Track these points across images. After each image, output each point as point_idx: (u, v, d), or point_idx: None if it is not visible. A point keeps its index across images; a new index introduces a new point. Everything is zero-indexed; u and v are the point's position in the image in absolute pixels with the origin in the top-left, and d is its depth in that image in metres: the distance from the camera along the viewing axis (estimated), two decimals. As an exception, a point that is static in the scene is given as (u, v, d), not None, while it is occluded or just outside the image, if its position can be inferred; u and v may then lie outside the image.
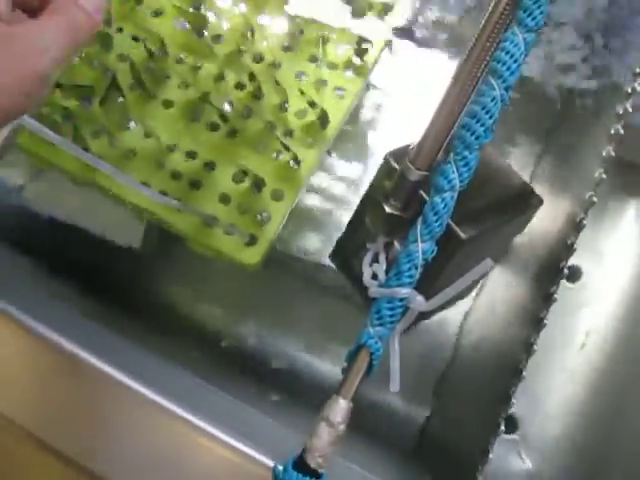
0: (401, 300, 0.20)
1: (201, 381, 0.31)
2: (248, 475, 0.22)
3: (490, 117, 0.21)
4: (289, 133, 0.33)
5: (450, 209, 0.21)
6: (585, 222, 0.30)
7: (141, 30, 0.36)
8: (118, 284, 0.42)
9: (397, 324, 0.20)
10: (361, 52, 0.36)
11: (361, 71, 0.36)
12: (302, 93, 0.34)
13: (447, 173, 0.21)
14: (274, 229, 0.32)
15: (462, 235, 0.28)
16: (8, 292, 0.27)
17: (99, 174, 0.34)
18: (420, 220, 0.21)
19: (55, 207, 0.43)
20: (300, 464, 0.18)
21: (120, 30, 0.37)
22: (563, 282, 0.46)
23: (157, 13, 0.38)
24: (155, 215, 0.33)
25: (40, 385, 0.23)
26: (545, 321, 0.29)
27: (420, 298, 0.20)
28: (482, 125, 0.21)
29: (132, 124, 0.35)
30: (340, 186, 0.40)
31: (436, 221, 0.21)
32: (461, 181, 0.21)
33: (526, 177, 0.44)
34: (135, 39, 0.37)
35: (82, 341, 0.24)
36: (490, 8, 0.24)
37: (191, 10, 0.37)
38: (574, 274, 0.47)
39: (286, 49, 0.36)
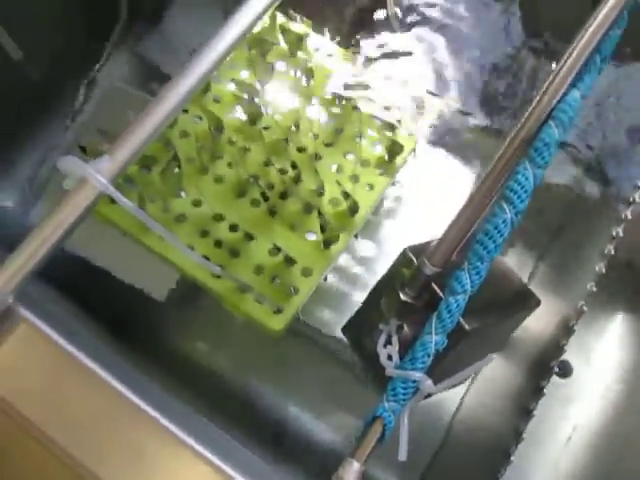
0: (414, 382, 0.24)
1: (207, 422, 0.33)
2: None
3: (501, 236, 0.26)
4: (322, 217, 0.38)
5: (461, 309, 0.25)
6: (576, 327, 0.34)
7: (203, 112, 0.42)
8: (145, 329, 0.45)
9: (408, 402, 0.24)
10: (392, 155, 0.41)
11: (389, 171, 0.41)
12: (338, 184, 0.39)
13: (461, 279, 0.25)
14: (300, 302, 0.36)
15: (467, 327, 0.31)
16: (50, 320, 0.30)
17: (149, 234, 0.38)
18: (435, 315, 0.25)
19: (96, 254, 0.47)
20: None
21: (186, 111, 0.42)
22: (554, 377, 0.50)
23: (218, 99, 0.43)
24: (195, 277, 0.37)
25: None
26: (534, 412, 0.32)
27: (430, 382, 0.24)
28: (494, 242, 0.25)
29: (183, 193, 0.40)
30: (359, 268, 0.45)
31: (449, 318, 0.24)
32: (472, 286, 0.25)
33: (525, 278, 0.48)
34: (198, 118, 0.42)
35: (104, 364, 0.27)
36: (506, 143, 0.29)
37: (247, 100, 0.43)
38: (565, 370, 0.50)
39: (327, 144, 0.42)
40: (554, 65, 0.30)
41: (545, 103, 0.29)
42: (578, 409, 0.50)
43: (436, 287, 0.31)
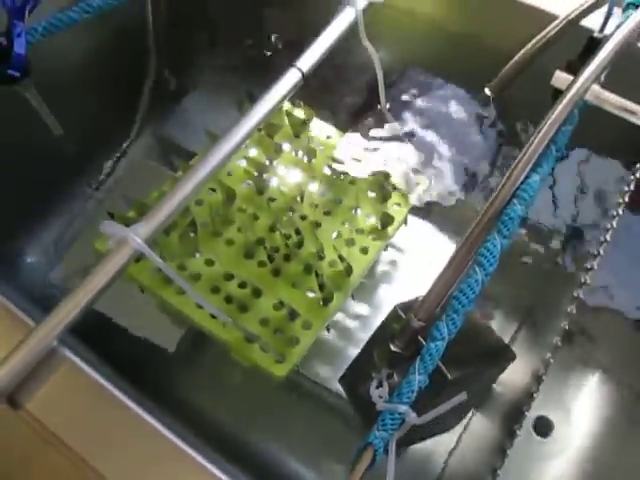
0: (400, 414, 0.28)
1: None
2: None
3: (473, 293, 0.31)
4: (321, 278, 0.42)
5: (440, 353, 0.30)
6: (545, 377, 0.38)
7: (217, 184, 0.47)
8: (152, 376, 0.49)
9: (395, 432, 0.28)
10: (384, 224, 0.46)
11: (382, 237, 0.46)
12: (335, 248, 0.44)
13: (440, 328, 0.30)
14: (300, 352, 0.41)
15: (448, 376, 0.36)
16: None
17: (166, 289, 0.43)
18: (418, 359, 0.30)
19: (113, 310, 0.51)
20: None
21: (202, 183, 0.48)
22: (534, 436, 0.54)
23: (231, 173, 0.49)
24: (207, 328, 0.41)
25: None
26: (508, 452, 0.36)
27: (414, 415, 0.28)
28: (467, 298, 0.30)
29: (198, 254, 0.45)
30: (355, 326, 0.49)
31: (430, 361, 0.29)
32: (449, 334, 0.30)
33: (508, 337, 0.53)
34: (212, 189, 0.48)
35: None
36: (478, 219, 0.34)
37: (256, 175, 0.49)
38: (545, 427, 0.54)
39: (326, 213, 0.47)
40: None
41: (510, 185, 0.35)
42: (558, 465, 0.54)
43: (421, 339, 0.36)
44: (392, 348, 0.37)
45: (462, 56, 0.50)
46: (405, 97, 0.51)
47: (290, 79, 0.39)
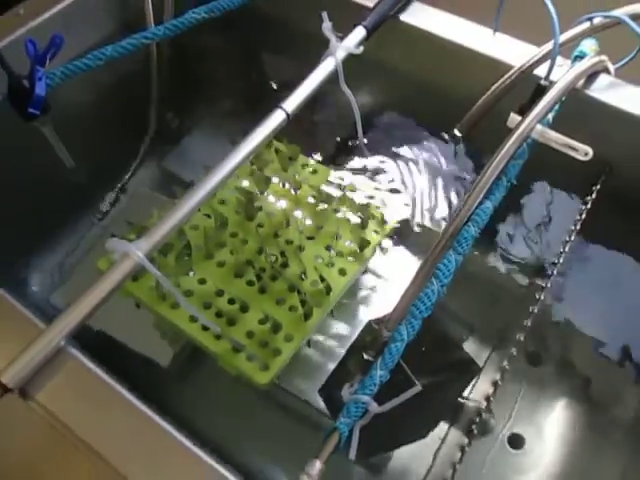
0: (363, 403, 0.32)
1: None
2: None
3: (430, 302, 0.35)
4: (303, 295, 0.47)
5: (400, 352, 0.34)
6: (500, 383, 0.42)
7: (211, 211, 0.52)
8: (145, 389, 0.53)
9: (359, 419, 0.32)
10: (361, 247, 0.51)
11: (359, 260, 0.51)
12: (316, 269, 0.49)
13: (401, 331, 0.35)
14: (282, 362, 0.45)
15: (417, 383, 0.40)
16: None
17: (162, 305, 0.47)
18: (381, 357, 0.34)
19: (111, 326, 0.55)
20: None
21: (198, 210, 0.53)
22: (510, 449, 0.58)
23: (224, 202, 0.54)
24: (198, 341, 0.45)
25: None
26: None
27: (375, 404, 0.32)
28: (424, 306, 0.35)
29: (192, 273, 0.50)
30: (333, 342, 0.54)
31: (390, 359, 0.33)
32: (408, 336, 0.34)
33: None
34: (207, 215, 0.53)
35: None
36: (437, 240, 0.39)
37: (247, 203, 0.54)
38: (518, 442, 0.58)
39: (310, 238, 0.52)
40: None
41: (466, 210, 0.40)
42: (532, 476, 0.57)
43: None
44: (365, 357, 0.41)
45: (432, 102, 0.56)
46: (382, 136, 0.57)
47: (276, 119, 0.45)
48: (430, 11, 0.56)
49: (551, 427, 0.59)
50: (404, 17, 0.55)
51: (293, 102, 0.46)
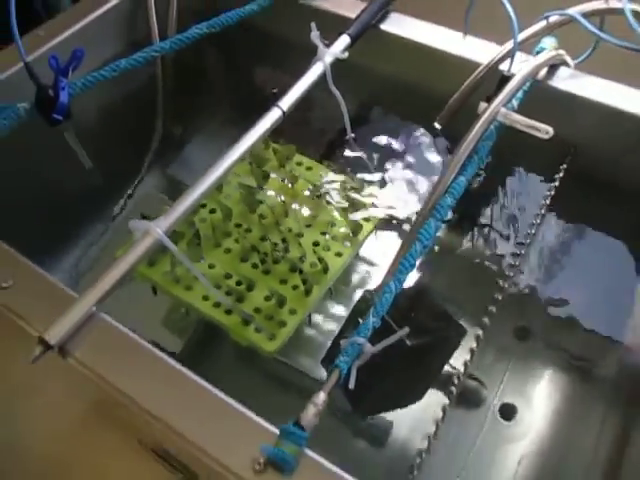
0: (359, 344, 0.37)
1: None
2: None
3: (413, 260, 0.40)
4: (304, 275, 0.52)
5: (389, 303, 0.39)
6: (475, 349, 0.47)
7: (217, 204, 0.58)
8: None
9: (356, 358, 0.37)
10: (355, 232, 0.57)
11: (353, 243, 0.56)
12: (315, 252, 0.54)
13: (390, 285, 0.40)
14: (288, 332, 0.49)
15: (407, 342, 0.45)
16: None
17: (176, 287, 0.52)
18: (373, 307, 0.39)
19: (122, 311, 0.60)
20: (297, 424, 0.33)
21: (204, 205, 0.58)
22: (501, 420, 0.62)
23: (229, 196, 0.60)
24: (211, 316, 0.50)
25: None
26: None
27: (369, 345, 0.37)
28: (409, 263, 0.40)
29: (202, 260, 0.55)
30: (332, 323, 0.58)
31: (381, 307, 0.38)
32: (396, 289, 0.39)
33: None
34: (212, 211, 0.58)
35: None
36: (420, 210, 0.44)
37: (249, 197, 0.59)
38: (509, 413, 0.63)
39: (307, 225, 0.57)
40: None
41: (444, 183, 0.46)
42: (523, 445, 0.61)
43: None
44: (361, 322, 0.46)
45: (412, 100, 0.62)
46: (370, 132, 0.63)
47: (272, 116, 0.50)
48: (407, 20, 0.62)
49: (540, 397, 0.64)
50: (384, 26, 0.62)
51: (287, 100, 0.52)
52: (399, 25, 0.62)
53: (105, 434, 0.42)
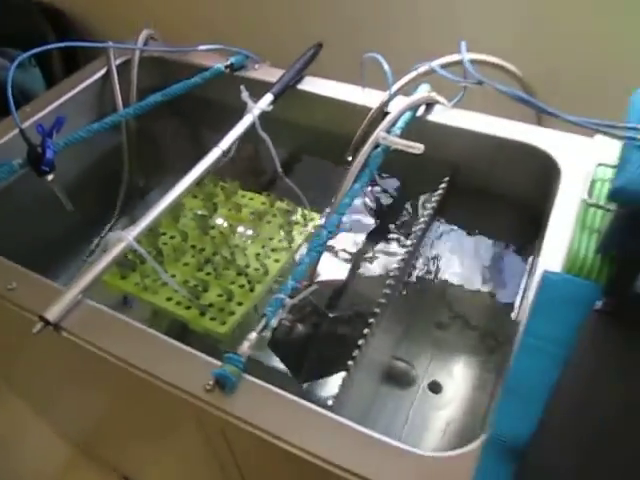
0: (282, 299, 0.50)
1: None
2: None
3: (322, 241, 0.55)
4: (249, 277, 0.65)
5: (303, 272, 0.52)
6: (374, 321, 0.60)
7: (176, 231, 0.72)
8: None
9: (279, 309, 0.50)
10: (290, 242, 0.71)
11: (289, 251, 0.70)
12: (257, 260, 0.68)
13: (305, 259, 0.53)
14: (236, 319, 0.62)
15: (329, 314, 0.58)
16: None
17: (145, 293, 0.65)
18: (291, 274, 0.53)
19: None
20: (235, 353, 0.46)
21: (164, 233, 0.72)
22: (430, 394, 0.75)
23: (186, 224, 0.74)
24: (174, 312, 0.63)
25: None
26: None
27: (289, 299, 0.50)
28: (319, 243, 0.54)
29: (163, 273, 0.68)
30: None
31: (297, 274, 0.52)
32: (310, 262, 0.53)
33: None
34: (172, 237, 0.72)
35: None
36: (329, 209, 0.59)
37: (202, 223, 0.73)
38: (437, 388, 0.76)
39: (251, 243, 0.71)
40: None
41: (343, 190, 0.61)
42: (448, 412, 0.73)
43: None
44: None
45: (326, 141, 0.78)
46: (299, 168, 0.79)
47: (213, 155, 0.66)
48: (318, 80, 0.80)
49: (460, 372, 0.77)
50: (300, 86, 0.79)
51: (226, 142, 0.67)
52: (312, 84, 0.79)
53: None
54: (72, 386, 0.70)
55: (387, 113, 0.68)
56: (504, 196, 0.74)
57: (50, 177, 0.66)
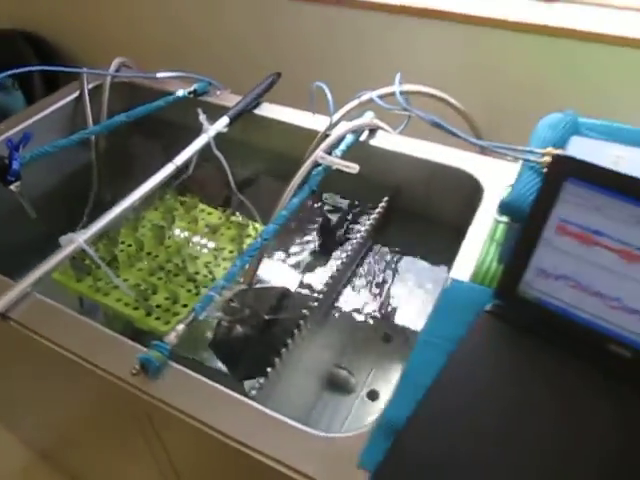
0: (212, 296, 0.55)
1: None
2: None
3: (256, 247, 0.60)
4: (197, 283, 0.70)
5: (234, 273, 0.58)
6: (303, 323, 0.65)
7: (133, 240, 0.77)
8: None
9: (206, 305, 0.55)
10: (239, 252, 0.76)
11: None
12: (206, 268, 0.73)
13: (236, 264, 0.59)
14: (178, 319, 0.67)
15: (265, 316, 0.64)
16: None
17: (97, 294, 0.70)
18: (225, 275, 0.58)
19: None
20: (161, 341, 0.51)
21: (123, 242, 0.78)
22: (369, 402, 0.80)
23: (144, 234, 0.79)
24: (123, 312, 0.68)
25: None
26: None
27: (218, 296, 0.55)
28: (253, 249, 0.60)
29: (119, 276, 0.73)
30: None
31: (225, 281, 0.57)
32: (241, 265, 0.58)
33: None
34: (129, 245, 0.78)
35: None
36: (270, 220, 0.65)
37: (159, 233, 0.79)
38: (375, 396, 0.80)
39: (204, 252, 0.77)
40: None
41: (282, 204, 0.66)
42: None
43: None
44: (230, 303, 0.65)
45: (278, 162, 0.85)
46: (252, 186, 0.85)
47: (167, 169, 0.72)
48: (273, 107, 0.87)
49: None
50: (257, 111, 0.86)
51: (180, 158, 0.73)
52: (268, 110, 0.86)
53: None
54: (19, 376, 0.74)
55: (326, 135, 0.75)
56: (437, 215, 0.80)
57: (15, 186, 0.72)
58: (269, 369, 0.60)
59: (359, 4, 1.28)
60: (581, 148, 0.57)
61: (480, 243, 0.62)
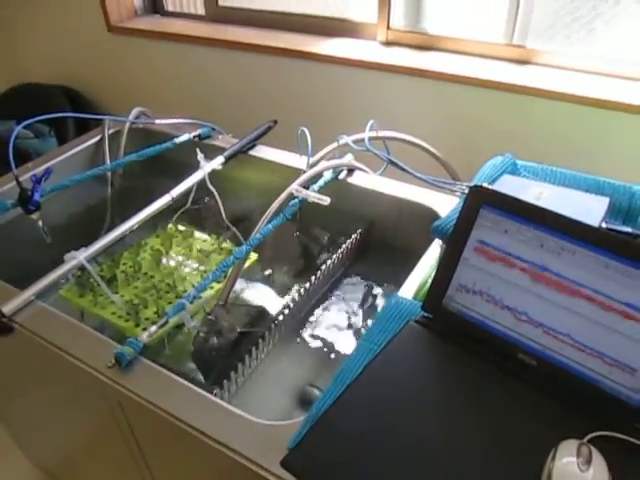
0: (182, 304, 0.64)
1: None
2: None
3: (228, 265, 0.69)
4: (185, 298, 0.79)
5: (205, 286, 0.66)
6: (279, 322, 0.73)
7: (133, 262, 0.87)
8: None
9: (178, 313, 0.63)
10: (226, 275, 0.85)
11: (221, 282, 0.84)
12: (193, 286, 0.82)
13: (209, 277, 0.68)
14: (165, 331, 0.76)
15: (238, 329, 0.72)
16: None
17: (95, 308, 0.79)
18: (203, 283, 0.67)
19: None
20: (135, 339, 0.59)
21: (124, 264, 0.88)
22: None
23: (143, 257, 0.89)
24: (116, 324, 0.77)
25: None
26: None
27: (188, 304, 0.64)
28: (225, 266, 0.68)
29: (117, 293, 0.83)
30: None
31: (200, 287, 0.66)
32: (213, 278, 0.67)
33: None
34: (130, 266, 0.88)
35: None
36: (243, 246, 0.74)
37: (157, 256, 0.89)
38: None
39: (195, 274, 0.86)
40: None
41: (258, 228, 0.76)
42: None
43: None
44: (208, 317, 0.74)
45: (269, 195, 0.95)
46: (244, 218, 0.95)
47: (163, 200, 0.83)
48: (267, 149, 0.98)
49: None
50: (252, 152, 0.97)
51: (176, 190, 0.84)
52: (261, 151, 0.97)
53: None
54: (23, 378, 0.83)
55: (304, 172, 0.84)
56: (405, 243, 0.87)
57: (35, 215, 0.84)
58: (232, 372, 0.67)
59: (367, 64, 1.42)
60: (510, 184, 0.64)
61: (428, 266, 0.69)
